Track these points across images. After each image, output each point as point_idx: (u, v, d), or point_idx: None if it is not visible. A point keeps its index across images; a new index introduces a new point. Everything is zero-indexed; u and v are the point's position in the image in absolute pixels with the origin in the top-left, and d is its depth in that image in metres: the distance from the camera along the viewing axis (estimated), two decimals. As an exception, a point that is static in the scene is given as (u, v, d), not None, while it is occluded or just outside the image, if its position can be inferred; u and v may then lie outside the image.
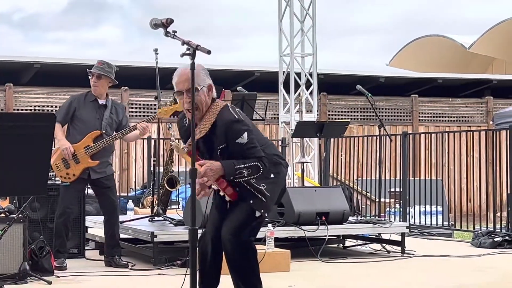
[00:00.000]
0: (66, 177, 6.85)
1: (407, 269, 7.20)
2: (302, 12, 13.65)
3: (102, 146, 6.86)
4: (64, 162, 6.80)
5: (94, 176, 6.93)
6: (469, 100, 18.80)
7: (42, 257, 6.43)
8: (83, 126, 6.90)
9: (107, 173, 7.05)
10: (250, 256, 4.55)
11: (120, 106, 7.30)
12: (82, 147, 6.84)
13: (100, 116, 6.97)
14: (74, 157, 6.81)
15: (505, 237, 8.85)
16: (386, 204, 10.89)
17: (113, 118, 7.04)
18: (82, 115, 6.91)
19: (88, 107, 6.96)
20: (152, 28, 4.11)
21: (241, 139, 4.46)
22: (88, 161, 6.87)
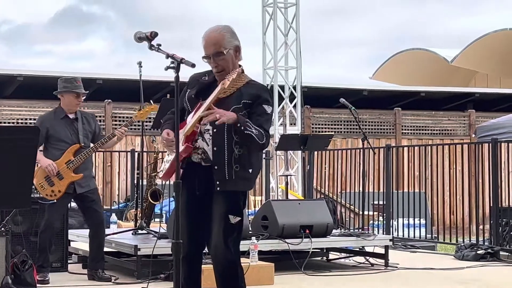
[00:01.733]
0: (52, 195, 6.83)
1: (391, 282, 7.21)
2: (286, 25, 13.72)
3: (84, 159, 6.86)
4: (47, 181, 6.78)
5: (79, 190, 6.92)
6: (451, 113, 18.91)
7: (25, 271, 6.39)
8: (60, 143, 6.88)
9: (91, 186, 7.05)
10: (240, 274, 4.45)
11: (89, 115, 7.28)
12: (63, 163, 6.82)
13: (74, 130, 6.95)
14: (57, 174, 6.80)
15: (487, 249, 8.88)
16: (370, 217, 10.91)
17: (87, 129, 7.04)
18: (56, 132, 6.88)
19: (61, 124, 6.94)
20: (136, 41, 4.11)
21: (266, 107, 4.37)
22: (72, 175, 6.85)
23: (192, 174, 4.37)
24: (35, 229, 7.19)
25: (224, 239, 4.32)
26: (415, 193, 11.29)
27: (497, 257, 8.81)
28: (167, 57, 4.02)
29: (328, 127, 17.21)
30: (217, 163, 4.32)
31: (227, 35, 4.38)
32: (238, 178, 4.34)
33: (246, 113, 4.32)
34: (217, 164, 4.32)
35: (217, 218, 4.34)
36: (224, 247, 4.33)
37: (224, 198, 4.34)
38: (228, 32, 4.41)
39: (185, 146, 4.30)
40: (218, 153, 4.32)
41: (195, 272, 4.54)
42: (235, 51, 4.41)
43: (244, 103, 4.32)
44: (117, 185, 14.92)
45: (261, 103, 4.37)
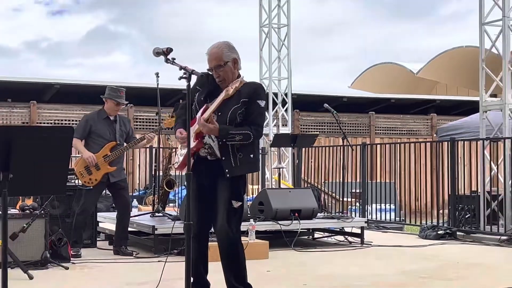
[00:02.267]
0: (89, 182, 6.87)
1: (366, 256, 7.22)
2: (279, 43, 13.70)
3: (118, 155, 6.93)
4: (86, 170, 6.83)
5: (112, 180, 6.97)
6: (417, 117, 18.89)
7: (61, 247, 6.40)
8: (100, 139, 6.94)
9: (122, 176, 7.10)
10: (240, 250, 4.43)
11: (125, 119, 7.35)
12: (101, 156, 6.88)
13: (112, 129, 7.02)
14: (95, 165, 6.83)
15: (446, 230, 8.90)
16: (348, 203, 10.90)
17: (122, 130, 7.10)
18: (98, 130, 6.95)
19: (102, 123, 7.00)
20: (154, 55, 4.09)
21: (260, 102, 4.37)
22: (107, 167, 6.90)
23: (200, 166, 4.37)
24: (69, 212, 7.20)
25: (228, 220, 4.33)
26: (386, 183, 11.29)
27: (455, 237, 8.82)
28: (180, 69, 4.01)
29: (314, 128, 17.20)
30: (224, 154, 4.34)
31: (225, 50, 4.39)
32: (243, 164, 4.36)
33: (243, 111, 4.33)
34: (224, 156, 4.34)
35: (222, 203, 4.34)
36: (227, 228, 4.33)
37: (228, 185, 4.33)
38: (226, 47, 4.41)
39: (197, 142, 4.31)
40: (223, 147, 4.33)
41: (203, 248, 4.54)
42: (233, 63, 4.42)
43: (242, 101, 4.33)
44: (138, 175, 14.90)
45: (256, 98, 4.38)
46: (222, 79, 4.38)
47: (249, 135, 4.31)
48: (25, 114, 14.85)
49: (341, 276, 5.85)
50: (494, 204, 8.94)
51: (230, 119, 4.31)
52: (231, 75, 4.40)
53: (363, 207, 10.61)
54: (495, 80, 9.18)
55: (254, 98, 4.36)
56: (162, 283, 5.38)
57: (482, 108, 9.17)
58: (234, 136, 4.27)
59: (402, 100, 20.19)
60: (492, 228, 8.72)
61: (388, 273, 6.03)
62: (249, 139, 4.31)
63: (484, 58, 9.19)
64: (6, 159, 3.24)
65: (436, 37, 62.47)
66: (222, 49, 4.38)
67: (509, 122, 8.86)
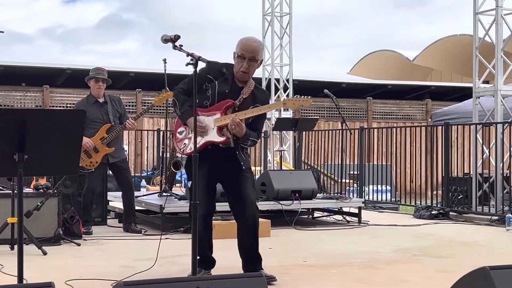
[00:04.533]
0: (90, 165, 6.86)
1: (363, 235, 7.24)
2: (281, 31, 13.66)
3: (115, 135, 6.88)
4: (86, 154, 6.81)
5: (112, 160, 6.95)
6: (412, 102, 18.87)
7: (73, 224, 6.42)
8: (94, 123, 6.87)
9: (121, 157, 7.06)
10: None
11: (116, 99, 7.24)
12: (98, 139, 6.84)
13: (105, 111, 6.94)
14: (94, 148, 6.81)
15: (440, 210, 8.91)
16: (347, 184, 10.92)
17: (115, 109, 7.02)
18: (90, 115, 6.84)
19: (93, 107, 6.92)
20: (163, 42, 4.08)
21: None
22: (106, 149, 6.87)
23: (214, 154, 4.43)
24: (80, 191, 7.21)
25: (255, 199, 4.54)
26: (383, 165, 11.30)
27: (448, 217, 8.83)
28: (187, 55, 3.99)
29: (314, 112, 17.18)
30: (237, 148, 4.46)
31: (261, 50, 4.53)
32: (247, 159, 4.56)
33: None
34: (237, 150, 4.46)
35: (249, 185, 4.48)
36: (256, 205, 4.51)
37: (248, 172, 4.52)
38: (262, 48, 4.57)
39: (225, 138, 4.41)
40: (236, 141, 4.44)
41: (209, 226, 4.57)
42: (260, 63, 4.53)
43: (256, 106, 4.43)
44: (146, 157, 14.93)
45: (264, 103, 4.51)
46: (247, 72, 4.43)
47: (254, 142, 4.50)
48: (39, 97, 14.85)
49: (339, 253, 5.87)
50: (486, 186, 8.94)
51: (245, 119, 4.40)
52: (253, 72, 4.49)
53: (361, 188, 10.62)
54: (488, 67, 9.15)
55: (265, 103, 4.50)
56: (169, 259, 5.41)
57: (475, 94, 9.15)
58: (247, 142, 4.44)
59: (399, 86, 20.15)
60: (484, 209, 8.73)
61: (383, 250, 6.05)
62: (252, 146, 4.54)
63: (477, 46, 9.15)
64: (22, 141, 3.24)
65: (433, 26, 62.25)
66: (260, 47, 4.48)
67: (500, 107, 8.84)
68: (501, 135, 8.77)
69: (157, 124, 15.02)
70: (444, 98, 19.76)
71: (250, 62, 4.40)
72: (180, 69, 13.37)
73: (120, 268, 5.00)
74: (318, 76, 19.75)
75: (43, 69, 16.02)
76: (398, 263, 5.43)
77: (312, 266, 5.07)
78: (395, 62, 27.63)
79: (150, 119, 15.40)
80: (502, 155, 8.81)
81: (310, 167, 12.69)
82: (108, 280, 4.41)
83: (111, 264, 5.22)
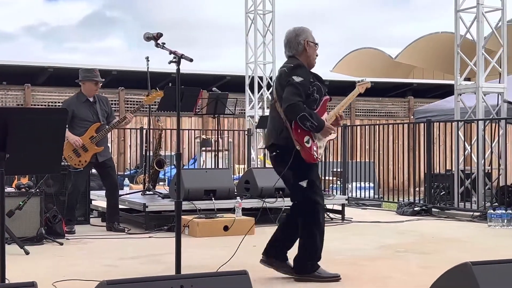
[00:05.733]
0: (79, 164, 6.82)
1: (346, 232, 7.26)
2: (264, 28, 13.66)
3: (104, 135, 6.86)
4: (75, 152, 6.78)
5: (101, 159, 6.92)
6: (395, 99, 18.95)
7: (55, 223, 6.38)
8: (84, 122, 6.86)
9: (108, 156, 7.05)
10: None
11: (104, 98, 7.24)
12: (87, 138, 6.80)
13: (94, 111, 6.93)
14: (82, 147, 6.78)
15: (422, 207, 8.97)
16: (330, 181, 10.96)
17: (103, 109, 7.01)
18: (80, 113, 6.84)
19: (83, 106, 6.91)
20: (145, 40, 4.07)
21: None
22: (95, 148, 6.85)
23: None
24: (63, 190, 7.17)
25: None
26: (366, 162, 11.35)
27: (430, 213, 8.89)
28: (170, 53, 3.99)
29: (297, 110, 17.16)
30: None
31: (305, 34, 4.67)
32: None
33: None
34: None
35: None
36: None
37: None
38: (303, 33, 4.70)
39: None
40: None
41: None
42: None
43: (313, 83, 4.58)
44: (129, 155, 14.86)
45: None
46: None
47: None
48: (20, 96, 14.73)
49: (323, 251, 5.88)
50: (468, 182, 9.01)
51: None
52: None
53: (344, 185, 10.66)
54: (469, 65, 9.22)
55: None
56: (153, 257, 5.40)
57: (456, 91, 9.21)
58: None
59: (381, 83, 20.20)
60: (466, 205, 8.80)
61: (367, 247, 6.08)
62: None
63: (459, 44, 9.22)
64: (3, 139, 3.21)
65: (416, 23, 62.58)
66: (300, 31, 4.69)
67: (482, 104, 8.92)
68: (482, 132, 8.84)
69: (140, 122, 14.95)
70: (426, 95, 19.87)
71: None
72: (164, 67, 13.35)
73: (103, 267, 4.98)
74: (301, 73, 19.70)
75: (24, 68, 15.88)
76: (381, 259, 5.46)
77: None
78: (378, 60, 27.76)
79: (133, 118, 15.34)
80: (484, 152, 8.88)
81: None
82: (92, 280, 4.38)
83: (95, 263, 5.19)
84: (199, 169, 9.35)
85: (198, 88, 8.74)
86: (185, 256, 4.51)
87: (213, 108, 9.29)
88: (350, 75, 25.10)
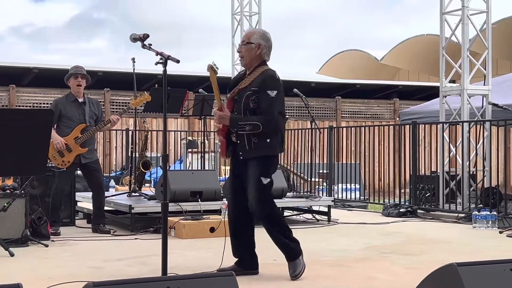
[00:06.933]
0: (62, 164, 6.78)
1: (332, 233, 7.28)
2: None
3: (89, 136, 6.81)
4: (59, 153, 6.73)
5: (84, 161, 6.87)
6: (380, 101, 19.01)
7: (40, 225, 6.34)
8: (70, 122, 6.82)
9: (93, 158, 6.99)
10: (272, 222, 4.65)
11: (95, 102, 7.20)
12: (72, 139, 6.76)
13: (82, 111, 6.89)
14: (66, 147, 6.73)
15: (408, 208, 9.01)
16: (316, 183, 10.97)
17: (92, 111, 6.97)
18: (67, 113, 6.81)
19: (71, 106, 6.87)
20: (132, 41, 4.05)
21: (269, 92, 4.42)
22: (79, 149, 6.80)
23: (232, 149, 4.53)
24: (48, 192, 7.12)
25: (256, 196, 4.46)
26: (352, 164, 11.39)
27: (415, 214, 8.94)
28: (156, 54, 3.98)
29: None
30: (239, 139, 4.47)
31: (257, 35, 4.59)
32: (258, 148, 4.45)
33: (256, 98, 4.40)
34: (239, 140, 4.47)
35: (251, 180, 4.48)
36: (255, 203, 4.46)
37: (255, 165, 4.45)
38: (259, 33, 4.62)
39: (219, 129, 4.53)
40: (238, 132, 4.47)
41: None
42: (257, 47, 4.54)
43: (253, 90, 4.41)
44: (114, 156, 14.80)
45: (265, 89, 4.42)
46: (242, 56, 4.53)
47: (258, 125, 4.39)
48: (4, 97, 14.62)
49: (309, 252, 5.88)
50: (453, 184, 9.07)
51: (244, 105, 4.41)
52: (250, 56, 4.49)
53: (330, 186, 10.69)
54: (454, 67, 9.28)
55: (262, 88, 4.43)
56: (139, 259, 5.38)
57: (442, 93, 9.27)
58: (244, 127, 4.38)
59: (367, 85, 20.30)
60: (451, 206, 8.85)
61: (353, 248, 6.09)
62: (258, 129, 4.38)
63: (444, 46, 9.28)
64: (-12, 141, 3.19)
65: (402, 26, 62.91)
66: (255, 32, 4.59)
67: (467, 106, 8.98)
68: (467, 133, 8.90)
69: (126, 123, 14.90)
70: (411, 97, 19.96)
71: (242, 45, 4.52)
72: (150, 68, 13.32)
73: (89, 269, 4.95)
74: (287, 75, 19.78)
75: (9, 68, 15.76)
76: (367, 260, 5.47)
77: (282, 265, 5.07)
78: (363, 62, 27.85)
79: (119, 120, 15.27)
80: (469, 154, 8.94)
81: (280, 166, 12.71)
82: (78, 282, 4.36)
83: (80, 265, 5.16)
84: (185, 170, 9.32)
85: (184, 89, 8.73)
86: (172, 257, 4.50)
87: (199, 109, 9.27)
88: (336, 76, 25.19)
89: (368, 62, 27.62)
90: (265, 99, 4.42)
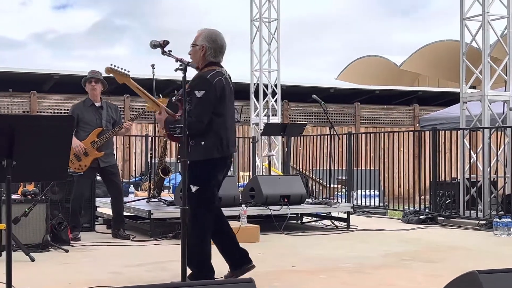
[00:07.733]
0: (79, 168, 6.82)
1: (351, 240, 7.25)
2: (269, 36, 13.68)
3: (105, 140, 6.85)
4: (76, 157, 6.78)
5: (102, 165, 6.91)
6: (399, 107, 18.94)
7: (61, 230, 6.38)
8: (87, 126, 6.87)
9: (112, 162, 7.02)
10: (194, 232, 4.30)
11: (113, 106, 7.23)
12: (89, 143, 6.82)
13: (99, 116, 6.94)
14: (83, 152, 6.78)
15: (428, 215, 8.95)
16: (335, 189, 10.94)
17: (110, 115, 7.01)
18: (84, 117, 6.87)
19: (88, 110, 6.93)
20: (151, 48, 4.08)
21: (196, 93, 4.27)
22: (96, 153, 6.85)
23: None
24: (68, 197, 7.17)
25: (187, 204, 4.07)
26: (371, 170, 11.34)
27: (435, 221, 8.87)
28: (176, 61, 4.00)
29: (302, 118, 17.21)
30: (180, 142, 4.30)
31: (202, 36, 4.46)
32: (194, 151, 4.28)
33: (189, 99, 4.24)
34: (180, 143, 4.30)
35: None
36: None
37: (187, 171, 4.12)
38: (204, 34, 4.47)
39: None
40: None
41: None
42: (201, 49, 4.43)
43: (187, 91, 4.18)
44: (134, 162, 14.89)
45: (193, 89, 4.29)
46: (191, 58, 4.42)
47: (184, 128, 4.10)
48: (26, 103, 14.78)
49: (328, 258, 5.88)
50: (473, 191, 8.99)
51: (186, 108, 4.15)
52: (196, 58, 4.40)
53: (349, 193, 10.64)
54: (475, 73, 9.21)
55: (192, 88, 4.28)
56: (158, 264, 5.39)
57: (462, 99, 9.20)
58: (175, 129, 4.17)
59: (386, 91, 20.23)
60: (471, 213, 8.77)
61: (372, 255, 6.06)
62: (187, 132, 4.06)
63: (464, 52, 9.22)
64: (10, 147, 3.22)
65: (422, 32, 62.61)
66: (201, 34, 4.47)
67: (487, 112, 8.90)
68: (488, 140, 8.82)
69: (145, 129, 14.99)
70: (431, 103, 19.86)
71: (192, 48, 4.44)
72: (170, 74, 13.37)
73: (109, 275, 4.97)
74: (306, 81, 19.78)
75: (30, 75, 15.96)
76: (387, 267, 5.44)
77: (301, 271, 5.07)
78: (383, 68, 27.75)
79: (138, 125, 15.36)
80: (489, 160, 8.86)
81: (299, 172, 12.70)
82: (98, 287, 4.38)
83: (100, 270, 5.19)
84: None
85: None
86: (191, 263, 4.50)
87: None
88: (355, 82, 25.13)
89: (388, 67, 27.52)
90: (194, 99, 4.26)
